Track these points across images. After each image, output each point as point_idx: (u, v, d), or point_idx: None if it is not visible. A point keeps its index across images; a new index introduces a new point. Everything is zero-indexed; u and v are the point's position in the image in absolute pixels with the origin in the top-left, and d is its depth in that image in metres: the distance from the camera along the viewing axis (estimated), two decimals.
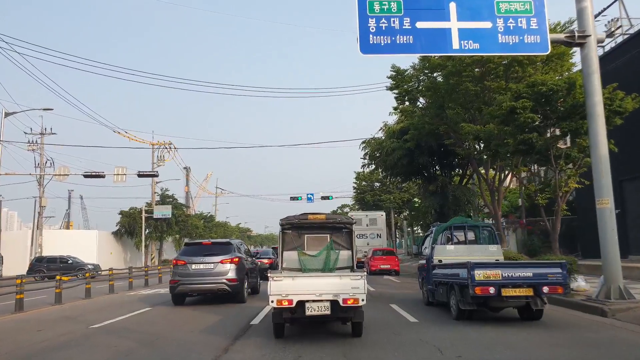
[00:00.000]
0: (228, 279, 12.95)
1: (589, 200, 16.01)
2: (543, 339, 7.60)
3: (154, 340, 8.28)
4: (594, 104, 10.98)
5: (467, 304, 9.19)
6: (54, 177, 33.61)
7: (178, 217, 53.02)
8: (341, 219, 9.84)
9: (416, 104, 20.91)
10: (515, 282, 8.80)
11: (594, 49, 11.13)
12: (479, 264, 9.13)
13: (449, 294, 10.17)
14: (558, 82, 12.46)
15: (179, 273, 13.19)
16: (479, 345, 7.23)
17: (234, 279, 13.01)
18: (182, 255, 13.73)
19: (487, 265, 9.17)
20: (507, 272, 8.89)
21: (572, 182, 13.13)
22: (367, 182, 47.48)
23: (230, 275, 13.00)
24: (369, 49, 10.83)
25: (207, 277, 12.93)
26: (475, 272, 8.80)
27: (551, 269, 9.03)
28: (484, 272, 8.83)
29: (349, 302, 7.42)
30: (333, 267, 9.29)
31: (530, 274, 8.90)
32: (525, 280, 8.82)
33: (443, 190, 25.11)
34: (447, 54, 13.91)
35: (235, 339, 8.14)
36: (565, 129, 12.48)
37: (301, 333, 8.55)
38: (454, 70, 16.60)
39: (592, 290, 11.90)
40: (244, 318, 10.37)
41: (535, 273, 8.91)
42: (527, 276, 8.88)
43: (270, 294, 7.46)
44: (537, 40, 11.06)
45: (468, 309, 9.26)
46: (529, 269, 9.06)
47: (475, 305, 9.18)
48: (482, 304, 9.19)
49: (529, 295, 8.84)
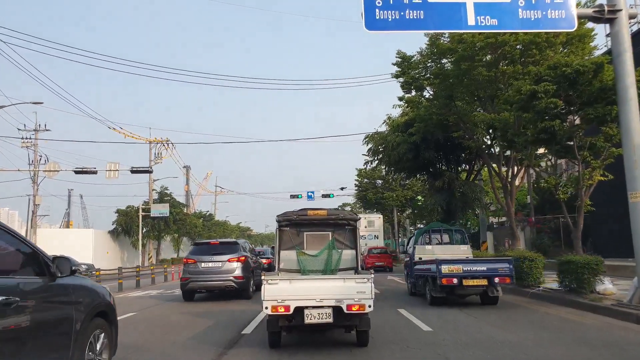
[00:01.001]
0: (235, 276, 13.68)
1: (602, 195, 15.10)
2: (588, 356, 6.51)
3: (129, 354, 7.20)
4: (626, 87, 9.87)
5: (437, 292, 11.36)
6: (45, 174, 32.57)
7: (176, 216, 52.05)
8: (344, 215, 8.89)
9: (423, 93, 19.77)
10: (473, 275, 10.98)
11: (625, 25, 10.03)
12: (444, 260, 11.40)
13: (425, 285, 12.29)
14: (585, 62, 11.37)
15: (189, 271, 13.93)
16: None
17: (241, 277, 13.73)
18: (192, 254, 14.53)
19: (451, 261, 11.39)
20: (467, 267, 11.09)
21: (597, 175, 12.02)
22: (369, 180, 46.40)
23: (237, 273, 13.73)
24: (375, 25, 9.74)
25: (215, 275, 13.67)
26: (442, 266, 10.99)
27: (501, 264, 11.19)
28: (448, 266, 11.03)
29: (354, 309, 6.47)
30: (335, 269, 8.38)
31: (484, 268, 11.08)
32: (481, 273, 10.98)
33: (450, 187, 24.01)
34: (461, 30, 12.82)
35: (226, 348, 7.21)
36: (590, 115, 11.37)
37: (299, 342, 7.58)
38: (465, 55, 15.47)
39: (620, 294, 10.86)
40: (236, 325, 9.30)
41: (488, 267, 11.09)
42: (483, 270, 11.04)
43: (264, 299, 6.52)
44: (562, 15, 9.95)
45: (439, 295, 11.39)
46: (484, 264, 11.28)
47: (444, 293, 11.33)
48: (449, 292, 11.38)
49: (484, 284, 10.99)
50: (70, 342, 4.33)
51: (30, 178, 36.89)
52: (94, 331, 4.81)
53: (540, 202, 29.23)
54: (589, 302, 10.44)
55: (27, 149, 37.16)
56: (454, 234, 14.49)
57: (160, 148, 45.89)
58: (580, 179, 12.14)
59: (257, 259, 16.98)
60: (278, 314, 6.54)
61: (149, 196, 48.55)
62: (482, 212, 27.07)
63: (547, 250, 22.47)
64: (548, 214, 27.33)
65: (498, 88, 16.90)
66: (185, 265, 14.30)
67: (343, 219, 8.64)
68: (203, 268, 13.84)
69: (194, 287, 13.93)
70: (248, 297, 13.80)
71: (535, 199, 28.83)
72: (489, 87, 16.96)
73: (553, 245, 24.84)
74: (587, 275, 10.99)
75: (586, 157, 12.01)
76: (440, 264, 11.01)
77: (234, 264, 13.89)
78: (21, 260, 4.23)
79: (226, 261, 13.86)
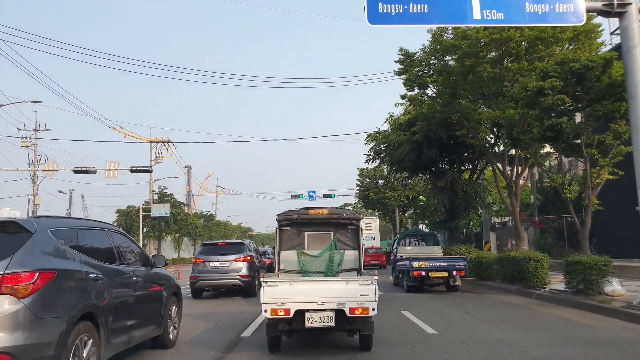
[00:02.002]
0: (241, 275, 14.34)
1: (607, 195, 14.81)
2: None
3: (124, 358, 6.94)
4: (636, 83, 9.59)
5: (411, 282, 14.75)
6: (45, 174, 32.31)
7: (177, 216, 51.83)
8: (346, 214, 8.64)
9: (426, 91, 19.45)
10: (437, 269, 14.30)
11: (635, 19, 9.75)
12: (415, 258, 14.89)
13: (403, 277, 15.80)
14: (594, 57, 11.09)
15: (198, 270, 14.63)
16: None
17: (247, 275, 14.42)
18: (200, 254, 15.25)
19: (420, 258, 14.78)
20: (432, 263, 14.41)
21: (605, 173, 11.74)
22: (371, 179, 46.10)
23: (243, 272, 14.39)
24: (377, 19, 9.48)
25: (222, 274, 14.34)
26: (413, 263, 14.42)
27: (458, 262, 14.55)
28: (418, 263, 14.43)
29: (357, 312, 6.21)
30: (337, 270, 8.17)
31: (446, 264, 14.48)
32: (443, 268, 14.34)
33: (452, 186, 23.71)
34: (466, 25, 12.56)
35: (224, 352, 6.98)
36: (598, 112, 11.08)
37: (300, 346, 7.32)
38: (469, 51, 15.16)
39: (628, 295, 10.60)
40: (236, 328, 9.05)
41: (448, 264, 14.48)
42: (444, 265, 14.44)
43: (264, 302, 6.26)
44: (570, 9, 9.69)
45: (412, 284, 14.78)
46: (445, 261, 14.82)
47: (416, 282, 14.68)
48: (420, 282, 14.69)
49: (445, 276, 14.36)
50: (162, 306, 7.11)
51: (30, 178, 36.70)
52: (172, 303, 7.60)
53: (543, 202, 28.95)
54: (597, 303, 10.18)
55: (27, 148, 37.03)
56: (428, 237, 19.23)
57: (161, 148, 45.55)
58: (588, 177, 11.86)
59: (261, 259, 17.96)
60: (278, 317, 6.29)
61: (149, 196, 48.34)
62: (485, 212, 26.76)
63: (550, 250, 22.17)
64: (551, 214, 27.05)
65: (503, 85, 16.60)
66: (194, 264, 15.01)
67: (345, 218, 8.41)
68: (211, 267, 14.52)
69: (203, 285, 14.62)
70: (253, 295, 14.24)
71: (539, 199, 28.53)
72: (493, 84, 16.67)
73: (557, 245, 24.55)
74: (595, 276, 10.73)
75: (594, 155, 11.73)
76: (412, 261, 14.50)
77: (240, 263, 14.53)
78: (136, 256, 6.94)
79: (233, 261, 14.50)
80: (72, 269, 4.93)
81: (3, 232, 4.73)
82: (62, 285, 4.65)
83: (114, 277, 5.75)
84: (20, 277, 4.26)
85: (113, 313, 5.46)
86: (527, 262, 13.19)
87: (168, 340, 7.31)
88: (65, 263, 4.89)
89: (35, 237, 4.70)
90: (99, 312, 5.11)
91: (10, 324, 4.09)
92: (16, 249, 4.44)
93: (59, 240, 4.99)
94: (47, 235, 4.88)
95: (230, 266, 14.48)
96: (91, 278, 5.17)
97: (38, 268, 4.42)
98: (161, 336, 7.08)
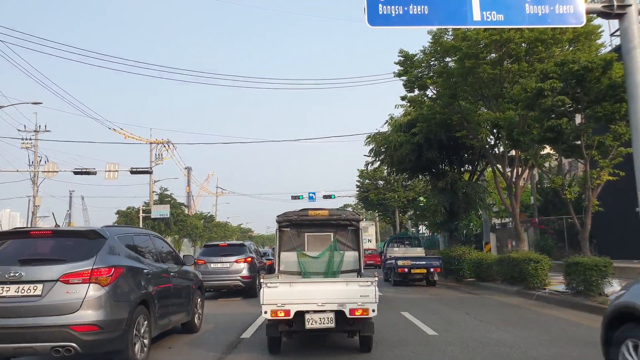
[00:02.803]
0: (242, 276, 14.53)
1: (607, 196, 14.77)
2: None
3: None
4: (636, 84, 9.54)
5: (396, 277, 17.88)
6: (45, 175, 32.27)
7: (177, 217, 51.78)
8: (346, 215, 8.67)
9: (426, 92, 19.43)
10: (417, 266, 17.27)
11: (635, 20, 9.71)
12: (399, 257, 18.22)
13: (390, 273, 18.70)
14: (594, 58, 11.08)
15: (200, 271, 15.25)
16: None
17: (248, 277, 14.61)
18: (202, 256, 15.44)
19: (404, 257, 17.97)
20: (413, 261, 17.41)
21: (605, 174, 11.73)
22: (371, 181, 46.08)
23: (244, 273, 14.58)
24: (377, 21, 9.44)
25: (224, 275, 14.49)
26: (398, 262, 17.52)
27: (435, 261, 17.71)
28: (402, 261, 17.52)
29: (357, 314, 6.21)
30: (337, 271, 8.20)
31: (424, 262, 17.51)
32: (422, 266, 17.31)
33: (452, 187, 23.68)
34: (466, 26, 12.52)
35: (224, 353, 6.98)
36: (598, 113, 11.08)
37: (300, 347, 7.33)
38: (469, 53, 15.16)
39: None
40: (236, 329, 9.05)
41: (427, 262, 17.57)
42: (423, 263, 17.44)
43: (264, 303, 6.26)
44: (570, 10, 9.66)
45: (397, 279, 17.91)
46: (424, 260, 17.93)
47: (400, 278, 17.77)
48: (403, 277, 17.74)
49: (424, 272, 17.35)
50: (190, 298, 8.40)
51: (30, 179, 36.66)
52: (197, 295, 8.96)
53: (543, 203, 28.92)
54: (597, 304, 10.16)
55: (27, 149, 36.99)
56: (413, 240, 24.78)
57: (161, 149, 45.54)
58: (588, 178, 11.85)
59: (262, 260, 18.22)
60: (278, 318, 6.29)
61: (149, 197, 48.32)
62: (485, 213, 26.72)
63: (550, 251, 22.13)
64: (552, 215, 27.02)
65: (503, 86, 16.60)
66: (195, 266, 15.20)
67: (345, 220, 8.43)
68: (212, 268, 14.63)
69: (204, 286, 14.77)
70: (254, 296, 14.24)
71: (539, 200, 28.51)
72: (493, 86, 16.67)
73: (557, 246, 24.52)
74: (595, 277, 10.72)
75: (594, 157, 11.73)
76: (397, 260, 17.71)
77: (241, 264, 14.71)
78: (171, 256, 8.28)
79: (234, 262, 14.66)
80: (133, 266, 6.39)
81: (87, 237, 6.13)
82: (128, 278, 6.12)
83: (158, 272, 7.12)
84: (102, 271, 5.70)
85: (158, 300, 6.82)
86: (527, 263, 13.18)
87: (194, 325, 8.67)
88: (128, 261, 6.35)
89: (108, 241, 6.14)
90: (150, 299, 6.55)
91: (98, 304, 5.56)
92: (97, 250, 5.89)
93: (123, 244, 6.48)
94: (115, 240, 6.35)
95: (231, 267, 14.59)
96: (144, 273, 6.60)
97: (113, 264, 5.89)
98: (189, 322, 8.48)
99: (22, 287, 5.51)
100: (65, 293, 5.48)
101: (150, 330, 6.53)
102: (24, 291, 5.50)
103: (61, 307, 5.45)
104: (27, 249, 6.03)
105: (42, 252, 5.99)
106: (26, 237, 6.24)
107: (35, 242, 6.17)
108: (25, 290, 5.50)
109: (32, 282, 5.51)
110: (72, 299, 5.48)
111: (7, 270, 5.55)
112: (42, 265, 5.70)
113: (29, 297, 5.47)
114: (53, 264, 5.68)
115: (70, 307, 5.46)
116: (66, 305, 5.46)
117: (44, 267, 5.65)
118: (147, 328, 6.42)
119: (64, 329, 5.38)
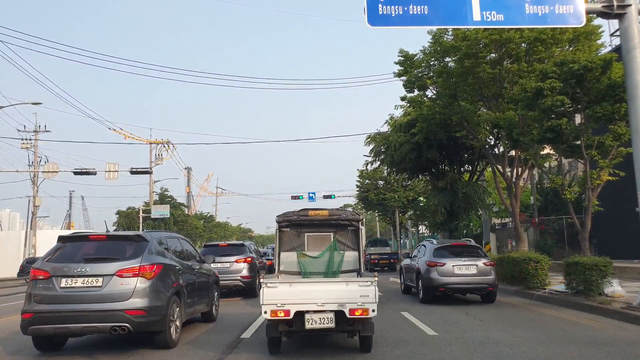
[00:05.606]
0: (242, 276, 14.64)
1: (607, 196, 14.77)
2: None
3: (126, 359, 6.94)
4: (636, 84, 9.59)
5: (370, 266, 26.46)
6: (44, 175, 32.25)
7: (177, 217, 51.79)
8: (346, 215, 8.63)
9: (425, 92, 19.43)
10: (382, 258, 29.05)
11: (635, 20, 9.76)
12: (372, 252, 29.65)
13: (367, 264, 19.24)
14: (593, 58, 11.08)
15: None
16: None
17: (248, 276, 14.71)
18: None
19: (375, 253, 29.74)
20: (380, 255, 29.34)
21: (605, 174, 11.72)
22: (371, 181, 46.04)
23: (244, 273, 14.68)
24: (377, 21, 9.47)
25: (224, 275, 14.05)
26: (371, 255, 28.98)
27: (393, 256, 29.64)
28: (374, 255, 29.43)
29: (357, 314, 6.22)
30: (337, 271, 8.17)
31: (387, 256, 29.75)
32: (385, 257, 29.27)
33: (452, 187, 23.71)
34: (466, 26, 12.55)
35: (224, 354, 6.98)
36: (598, 114, 11.08)
37: (300, 347, 7.33)
38: (469, 53, 15.15)
39: (628, 296, 10.60)
40: (235, 329, 9.05)
41: (389, 255, 29.92)
42: (386, 256, 29.57)
43: (263, 303, 6.27)
44: (570, 10, 9.69)
45: (371, 268, 24.31)
46: (387, 254, 29.93)
47: (372, 266, 27.27)
48: (374, 265, 27.85)
49: (388, 262, 29.07)
50: (209, 292, 9.66)
51: (30, 179, 36.69)
52: (215, 289, 10.15)
53: (543, 203, 28.91)
54: (597, 304, 10.16)
55: (27, 150, 36.98)
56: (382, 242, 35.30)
57: (161, 149, 45.56)
58: (588, 178, 11.85)
59: (262, 260, 18.20)
60: (278, 318, 6.30)
61: (149, 197, 48.32)
62: (485, 213, 26.72)
63: (550, 251, 22.12)
64: (551, 215, 27.01)
65: (502, 86, 16.59)
66: None
67: (345, 220, 8.41)
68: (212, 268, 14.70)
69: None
70: (254, 296, 14.26)
71: (539, 200, 28.50)
72: (493, 86, 16.65)
73: (556, 246, 24.50)
74: (595, 277, 10.70)
75: (594, 157, 11.72)
76: (370, 255, 28.42)
77: (241, 264, 14.79)
78: (194, 255, 9.59)
79: (234, 262, 14.73)
80: (169, 263, 7.74)
81: (133, 240, 7.47)
82: (165, 273, 7.47)
83: (185, 268, 8.47)
84: (147, 268, 7.05)
85: (186, 292, 8.14)
86: (527, 263, 13.16)
87: (212, 315, 9.92)
88: (165, 259, 7.68)
89: (150, 243, 7.49)
90: (181, 290, 7.89)
91: (144, 293, 6.90)
92: (143, 251, 7.24)
93: (160, 245, 7.92)
94: (154, 242, 7.72)
95: (231, 267, 14.60)
96: (177, 269, 7.98)
97: (155, 262, 7.27)
98: (208, 312, 9.71)
99: (86, 279, 6.82)
100: (120, 285, 6.80)
101: (182, 317, 7.84)
102: (88, 283, 6.81)
103: (117, 296, 6.74)
104: (88, 250, 7.31)
105: (101, 252, 7.27)
106: (87, 241, 7.54)
107: (94, 244, 7.46)
108: (89, 282, 6.81)
109: (94, 276, 6.83)
110: (125, 289, 6.79)
111: (75, 267, 6.88)
112: (102, 262, 7.03)
113: (92, 287, 6.78)
114: (110, 261, 7.03)
115: (124, 296, 6.75)
116: (121, 294, 6.75)
117: (103, 264, 6.99)
118: (179, 315, 7.73)
119: (120, 312, 6.67)
